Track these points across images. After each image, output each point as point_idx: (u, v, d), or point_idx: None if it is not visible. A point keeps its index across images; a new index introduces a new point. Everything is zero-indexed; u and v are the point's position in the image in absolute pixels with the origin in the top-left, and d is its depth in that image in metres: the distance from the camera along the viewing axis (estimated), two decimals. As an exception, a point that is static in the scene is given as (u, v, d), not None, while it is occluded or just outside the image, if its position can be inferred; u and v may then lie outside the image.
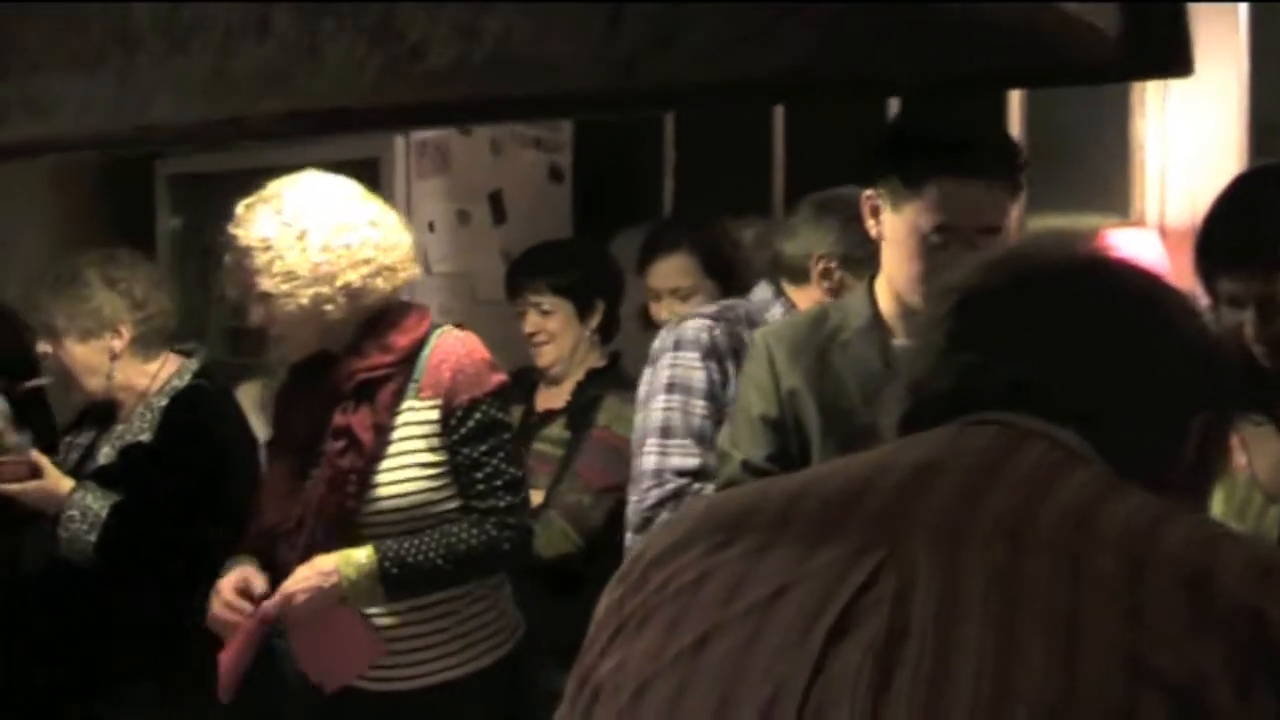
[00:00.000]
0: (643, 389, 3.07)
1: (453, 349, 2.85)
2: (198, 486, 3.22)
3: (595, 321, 3.86)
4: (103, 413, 3.45)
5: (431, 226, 4.83)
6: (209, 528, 3.16)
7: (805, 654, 0.86)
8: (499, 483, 2.81)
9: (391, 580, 2.71)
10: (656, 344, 3.13)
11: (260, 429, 3.86)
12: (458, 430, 2.79)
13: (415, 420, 2.81)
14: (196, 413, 3.33)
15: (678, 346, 3.05)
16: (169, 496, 3.21)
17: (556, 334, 3.85)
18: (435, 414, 2.80)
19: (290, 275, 2.77)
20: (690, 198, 5.09)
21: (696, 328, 3.06)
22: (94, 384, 3.35)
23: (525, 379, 3.93)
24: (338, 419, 2.79)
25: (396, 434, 2.80)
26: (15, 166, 4.73)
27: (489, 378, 2.86)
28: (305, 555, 2.77)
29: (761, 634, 0.89)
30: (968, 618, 0.84)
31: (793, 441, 2.56)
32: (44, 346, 3.35)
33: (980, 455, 0.96)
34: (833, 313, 2.61)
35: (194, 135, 0.91)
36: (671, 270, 3.66)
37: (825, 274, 3.15)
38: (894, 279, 2.52)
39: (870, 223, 2.52)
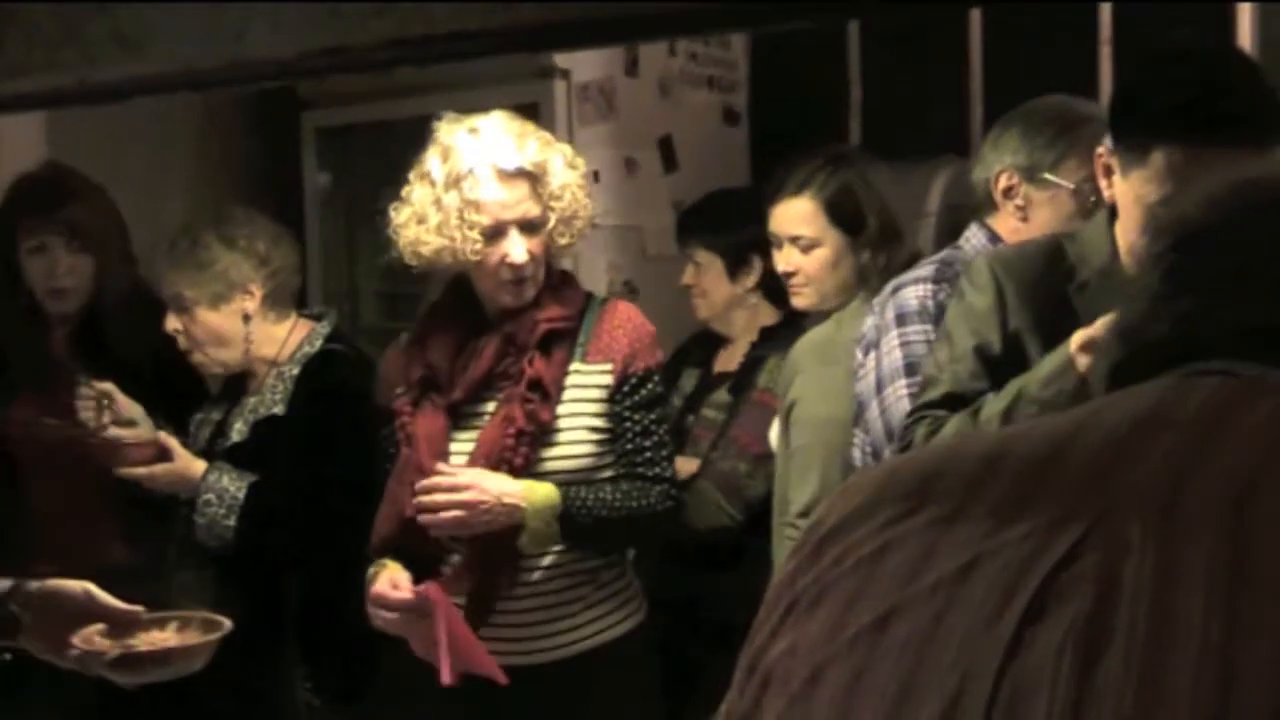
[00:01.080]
0: (862, 380, 3.01)
1: (629, 316, 3.04)
2: (336, 460, 3.24)
3: (751, 280, 3.86)
4: (236, 386, 3.50)
5: (596, 176, 4.80)
6: (355, 504, 3.16)
7: (997, 637, 0.84)
8: (664, 452, 3.01)
9: (571, 523, 2.86)
10: (869, 321, 3.05)
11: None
12: (631, 396, 2.98)
13: (583, 384, 2.97)
14: (331, 380, 3.36)
15: (901, 321, 2.94)
16: (309, 473, 3.23)
17: (708, 290, 3.91)
18: (607, 379, 2.97)
19: (574, 201, 2.96)
20: (879, 138, 5.00)
21: (918, 295, 2.94)
22: (232, 354, 3.39)
23: (706, 341, 3.93)
24: (529, 370, 2.92)
25: (565, 394, 2.95)
26: (159, 123, 4.83)
27: (658, 350, 3.07)
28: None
29: (949, 613, 0.87)
30: (1187, 599, 0.81)
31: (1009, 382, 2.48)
32: (174, 323, 3.39)
33: (1203, 410, 0.91)
34: (1068, 247, 2.56)
35: (292, 68, 0.88)
36: (792, 216, 3.51)
37: (1007, 192, 3.04)
38: (1124, 249, 2.44)
39: (1102, 183, 2.46)
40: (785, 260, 3.50)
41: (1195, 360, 0.97)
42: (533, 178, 2.91)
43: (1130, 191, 2.37)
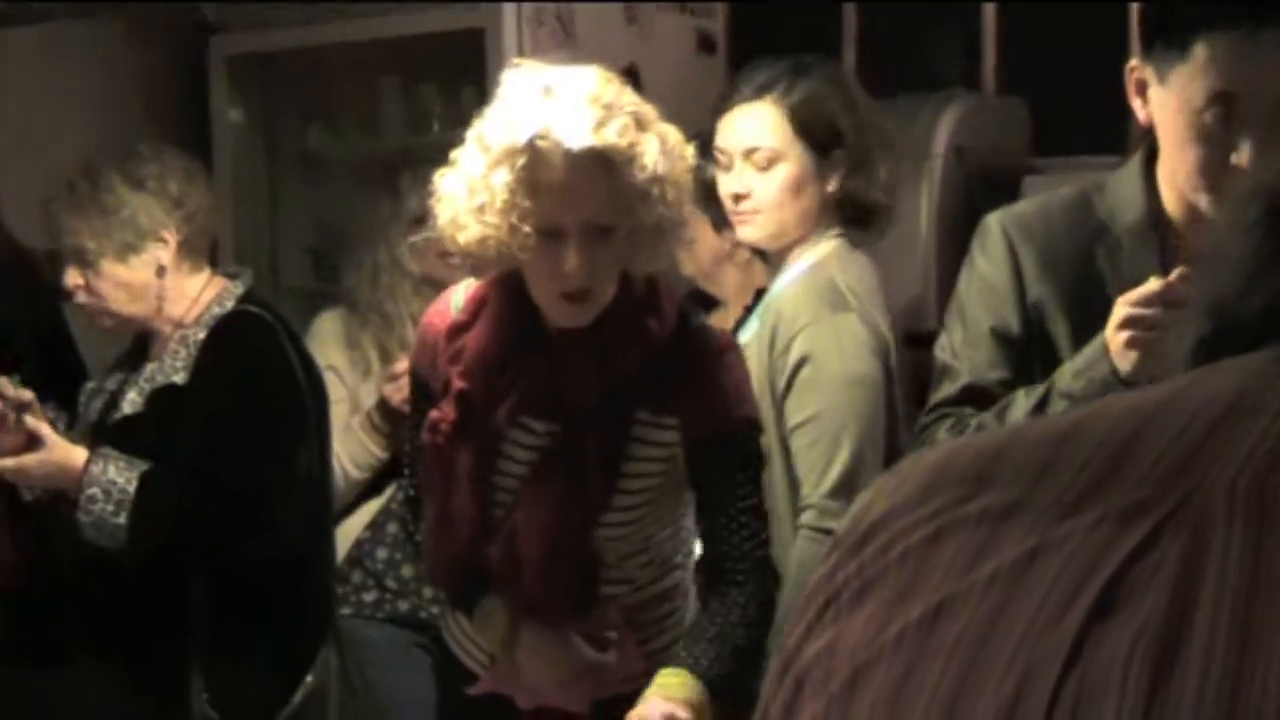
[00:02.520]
0: None
1: (724, 351, 2.80)
2: (246, 440, 3.18)
3: None
4: (137, 352, 3.43)
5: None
6: (265, 495, 3.15)
7: (1060, 636, 0.83)
8: (747, 533, 2.81)
9: (713, 684, 2.66)
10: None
11: (344, 365, 3.83)
12: (711, 463, 2.78)
13: (648, 438, 2.78)
14: (241, 347, 3.29)
15: None
16: (211, 456, 3.16)
17: (693, 244, 3.81)
18: (675, 436, 2.79)
19: (669, 207, 2.64)
20: (878, 69, 4.97)
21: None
22: (142, 310, 3.32)
23: (697, 303, 3.89)
24: (590, 424, 2.70)
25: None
26: (42, 52, 4.74)
27: (748, 399, 2.84)
28: (558, 596, 2.76)
29: (1007, 609, 0.86)
30: (1276, 611, 0.80)
31: (1038, 365, 2.50)
32: (74, 278, 3.31)
33: None
34: (1097, 200, 2.54)
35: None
36: (747, 125, 3.31)
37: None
38: (1174, 173, 2.40)
39: (1136, 103, 2.40)
40: (736, 181, 3.30)
41: None
42: (612, 166, 2.57)
43: (1172, 99, 2.31)
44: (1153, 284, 2.27)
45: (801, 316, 3.19)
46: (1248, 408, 0.90)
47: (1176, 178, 2.40)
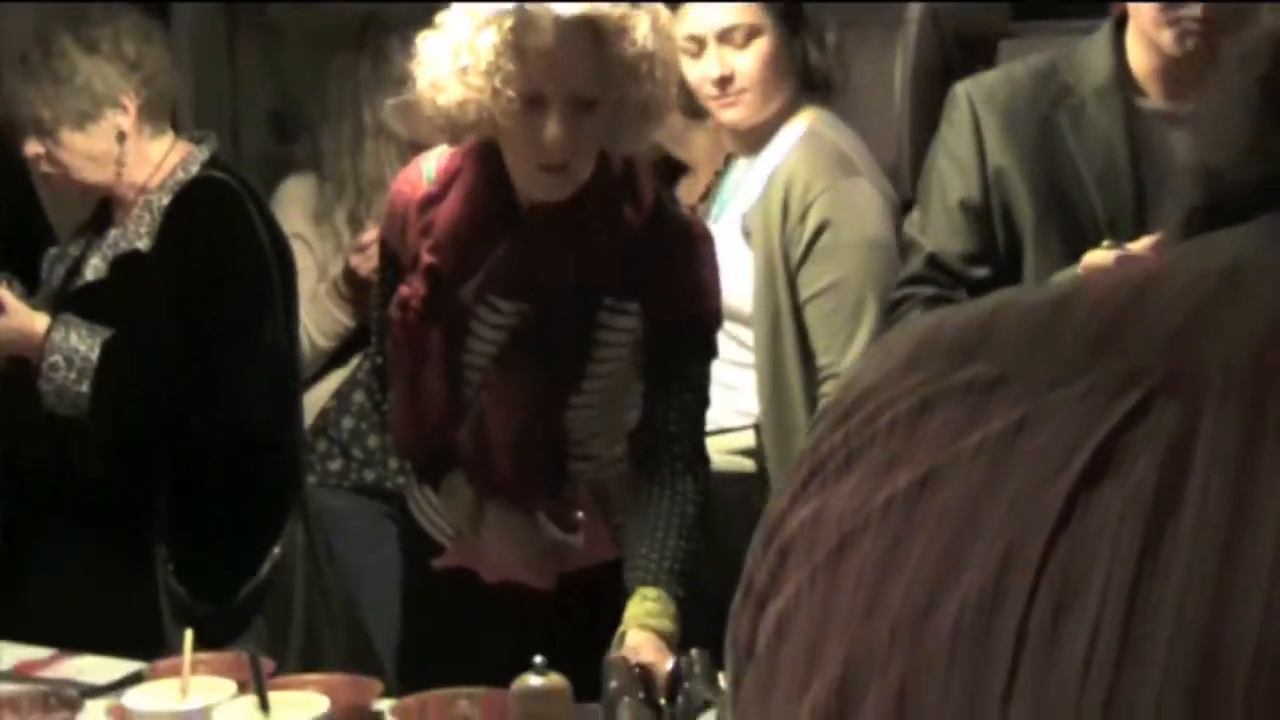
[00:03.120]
0: None
1: (696, 238, 2.82)
2: (210, 308, 3.15)
3: None
4: (101, 218, 3.39)
5: None
6: (230, 363, 3.13)
7: (1049, 502, 0.84)
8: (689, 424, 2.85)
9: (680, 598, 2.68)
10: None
11: (310, 233, 3.78)
12: (665, 348, 2.80)
13: (613, 324, 2.78)
14: (206, 212, 3.25)
15: None
16: (175, 325, 3.14)
17: None
18: (637, 322, 2.78)
19: (655, 82, 2.61)
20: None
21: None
22: (103, 177, 3.28)
23: (662, 171, 3.86)
24: (559, 305, 2.70)
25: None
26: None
27: (714, 292, 2.86)
28: (530, 483, 2.77)
29: (996, 476, 0.86)
30: (1272, 476, 0.79)
31: (1000, 235, 2.53)
32: (34, 147, 3.26)
33: None
34: (1063, 66, 2.54)
35: None
36: (717, 6, 3.28)
37: None
38: (1141, 20, 2.38)
39: None
40: (715, 64, 3.26)
41: None
42: (602, 37, 2.54)
43: None
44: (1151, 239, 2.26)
45: (816, 183, 3.17)
46: (1245, 277, 0.89)
47: (1143, 22, 2.41)
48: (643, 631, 2.56)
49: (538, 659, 2.03)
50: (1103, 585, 0.81)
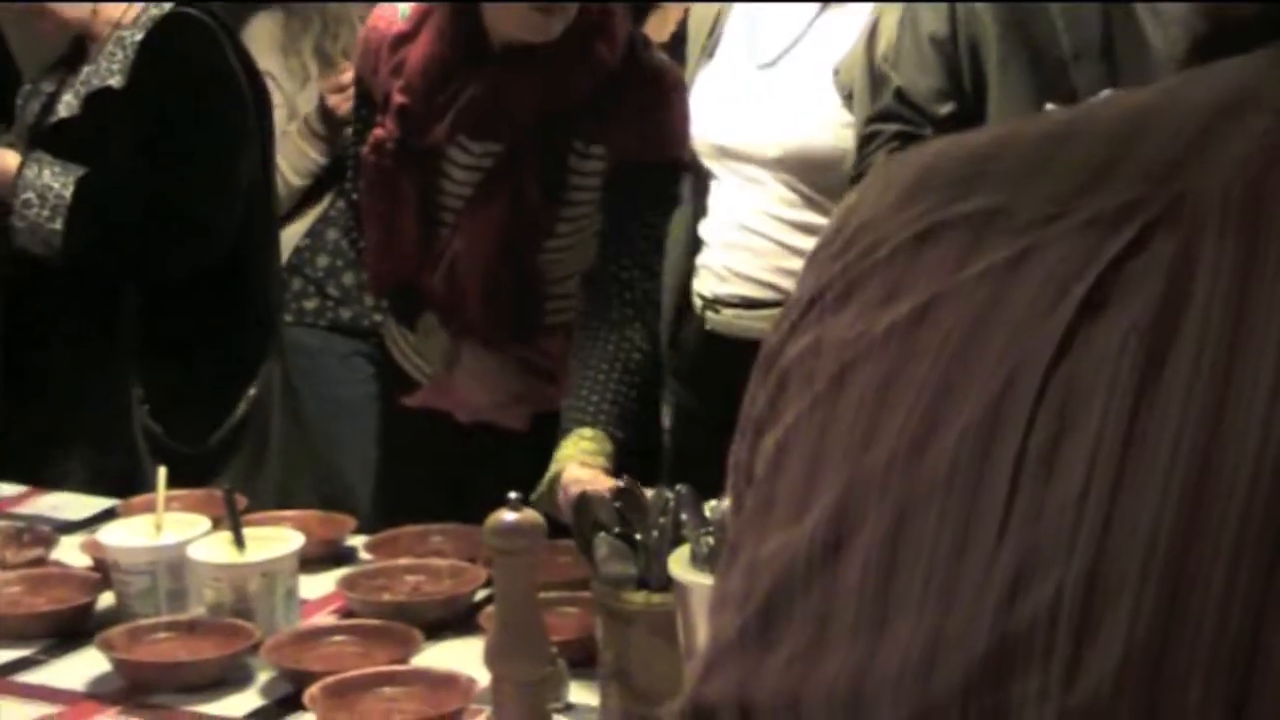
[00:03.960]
0: None
1: (666, 86, 2.80)
2: (184, 145, 3.12)
3: None
4: (76, 53, 3.34)
5: None
6: (205, 201, 3.10)
7: (1049, 331, 0.84)
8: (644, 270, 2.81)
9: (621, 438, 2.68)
10: None
11: (279, 70, 3.74)
12: (623, 193, 2.77)
13: (580, 168, 2.78)
14: (180, 49, 3.21)
15: None
16: (149, 162, 3.11)
17: None
18: (600, 165, 2.76)
19: None
20: None
21: None
22: (75, 11, 3.23)
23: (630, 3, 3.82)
24: (529, 148, 2.70)
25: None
26: None
27: (686, 141, 2.87)
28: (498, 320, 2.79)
29: (997, 306, 0.86)
30: (1270, 304, 0.80)
31: (967, 71, 2.55)
32: None
33: None
34: None
35: None
36: None
37: None
38: None
39: None
40: None
41: None
42: None
43: None
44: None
45: None
46: (1246, 106, 0.88)
47: None
48: (583, 470, 2.58)
49: (512, 495, 2.03)
50: (1101, 413, 0.81)
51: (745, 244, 3.04)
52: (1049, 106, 2.33)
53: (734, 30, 3.17)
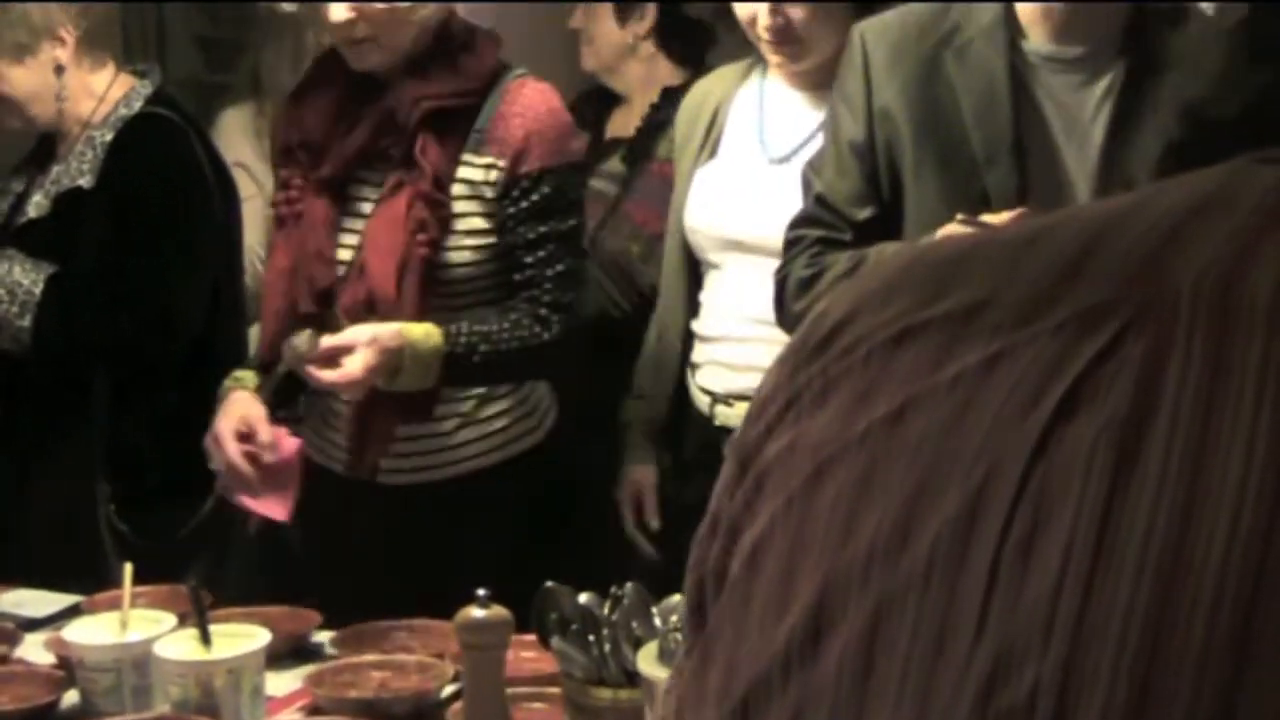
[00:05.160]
0: None
1: (532, 102, 2.87)
2: (152, 244, 3.14)
3: (643, 26, 3.81)
4: (44, 151, 3.36)
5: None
6: (174, 299, 3.13)
7: (1025, 432, 0.85)
8: (559, 270, 2.88)
9: (454, 366, 2.79)
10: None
11: (253, 159, 3.76)
12: (519, 203, 2.85)
13: (473, 179, 2.86)
14: (150, 149, 3.24)
15: None
16: (119, 261, 3.12)
17: (595, 36, 3.86)
18: (495, 175, 2.85)
19: None
20: None
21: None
22: (43, 110, 3.26)
23: (599, 100, 3.86)
24: (422, 158, 2.81)
25: (455, 189, 2.86)
26: None
27: (568, 143, 2.92)
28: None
29: (973, 407, 0.88)
30: (1238, 402, 0.81)
31: (884, 174, 2.55)
32: None
33: (1269, 197, 0.89)
34: (956, 8, 2.55)
35: None
36: None
37: None
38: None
39: None
40: (768, 11, 3.02)
41: (1266, 145, 0.94)
42: None
43: None
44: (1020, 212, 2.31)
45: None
46: (1217, 208, 0.91)
47: None
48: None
49: (480, 592, 2.06)
50: (1075, 510, 0.82)
51: (759, 335, 3.05)
52: (958, 216, 2.34)
53: (738, 127, 3.22)
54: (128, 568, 2.46)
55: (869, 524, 0.89)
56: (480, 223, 2.88)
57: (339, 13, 2.78)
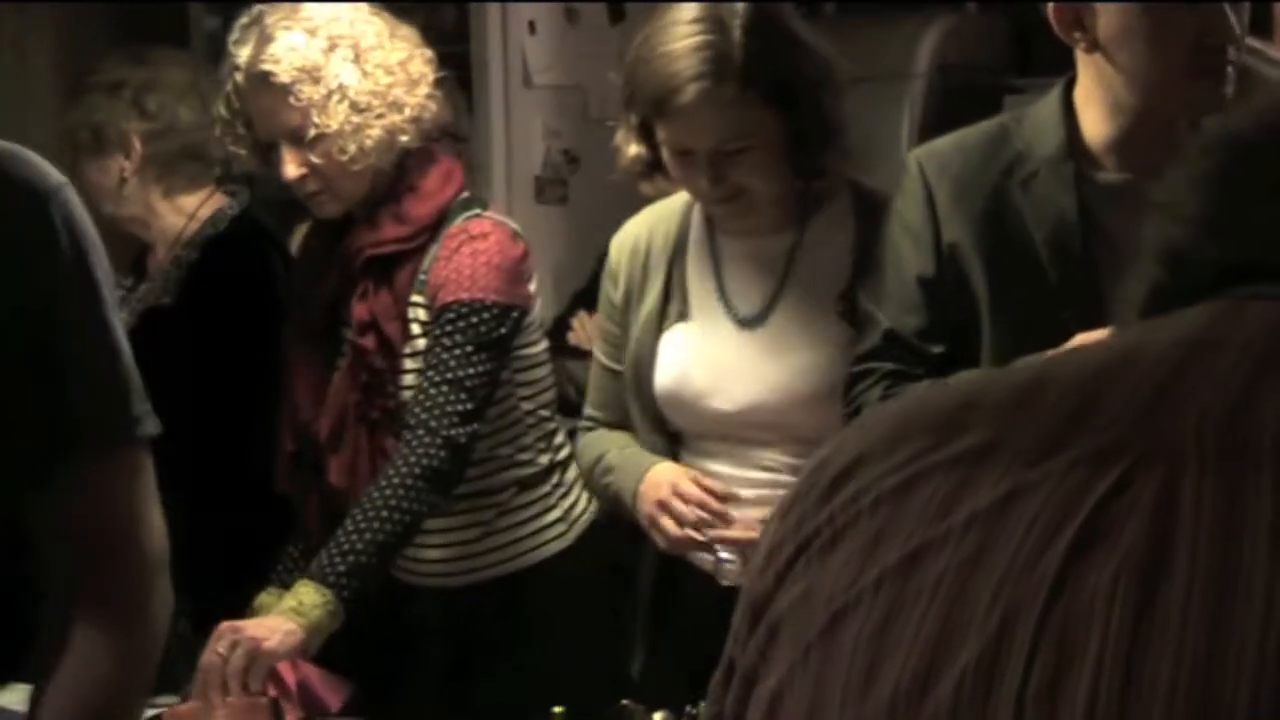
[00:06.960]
0: None
1: (461, 241, 2.87)
2: (220, 371, 3.17)
3: None
4: (136, 268, 3.43)
5: (532, 28, 4.76)
6: (233, 423, 3.15)
7: (1041, 574, 0.86)
8: (450, 395, 2.79)
9: (347, 597, 2.68)
10: None
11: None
12: (433, 334, 2.85)
13: (422, 319, 2.90)
14: (225, 271, 3.29)
15: None
16: (197, 381, 3.11)
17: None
18: (426, 315, 2.89)
19: (356, 106, 2.83)
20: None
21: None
22: (114, 210, 3.33)
23: None
24: (357, 308, 2.90)
25: (414, 326, 2.91)
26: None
27: (492, 284, 2.84)
28: (351, 467, 2.90)
29: (987, 551, 0.89)
30: (1252, 542, 0.82)
31: (955, 310, 2.49)
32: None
33: (1260, 333, 0.92)
34: (1015, 131, 2.49)
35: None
36: (705, 118, 2.70)
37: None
38: (1110, 81, 2.38)
39: (1074, 37, 2.37)
40: (710, 174, 2.72)
41: (1246, 284, 0.97)
42: (282, 87, 2.82)
43: (1115, 22, 2.31)
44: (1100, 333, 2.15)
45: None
46: (1211, 347, 0.92)
47: (1117, 88, 2.36)
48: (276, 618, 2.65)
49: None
50: (1098, 654, 0.82)
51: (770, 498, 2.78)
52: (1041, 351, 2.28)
53: (698, 284, 2.91)
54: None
55: (890, 670, 0.88)
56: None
57: (290, 170, 2.86)
